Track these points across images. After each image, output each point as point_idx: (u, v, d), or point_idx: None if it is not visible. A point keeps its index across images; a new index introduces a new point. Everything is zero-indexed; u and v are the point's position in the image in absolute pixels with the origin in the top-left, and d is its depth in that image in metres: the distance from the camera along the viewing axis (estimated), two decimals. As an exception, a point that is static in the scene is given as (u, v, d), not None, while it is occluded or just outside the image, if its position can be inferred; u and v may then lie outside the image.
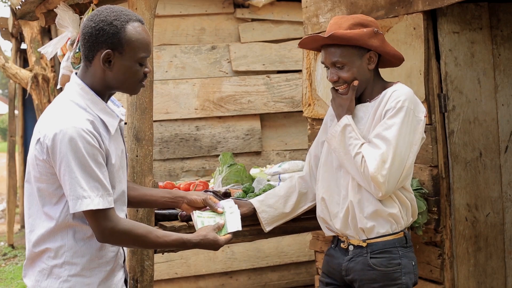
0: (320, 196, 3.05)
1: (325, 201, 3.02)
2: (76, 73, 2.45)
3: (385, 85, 2.97)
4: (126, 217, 2.56)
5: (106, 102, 2.46)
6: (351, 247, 2.96)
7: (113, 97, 2.53)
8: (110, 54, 2.34)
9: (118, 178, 2.45)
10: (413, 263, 2.95)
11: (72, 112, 2.32)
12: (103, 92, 2.42)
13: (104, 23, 2.34)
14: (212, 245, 2.59)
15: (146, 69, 2.44)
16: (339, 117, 2.95)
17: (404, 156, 2.81)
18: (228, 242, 2.67)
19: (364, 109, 2.95)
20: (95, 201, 2.26)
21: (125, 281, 2.57)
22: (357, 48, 2.89)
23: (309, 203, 3.22)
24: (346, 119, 2.90)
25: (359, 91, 2.94)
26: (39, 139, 2.30)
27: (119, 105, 2.55)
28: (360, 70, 2.91)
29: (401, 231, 2.94)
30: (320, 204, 3.06)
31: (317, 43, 2.99)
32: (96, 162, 2.28)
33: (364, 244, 2.91)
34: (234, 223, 2.73)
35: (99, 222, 2.30)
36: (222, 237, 2.64)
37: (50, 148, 2.26)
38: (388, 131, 2.80)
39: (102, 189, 2.29)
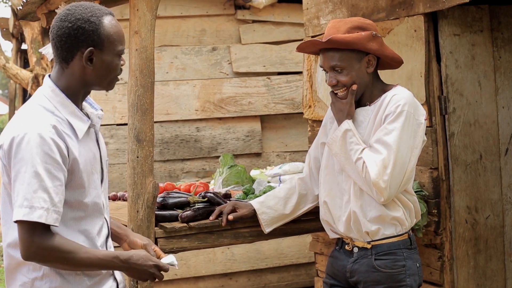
0: (323, 200, 3.05)
1: (328, 205, 3.02)
2: (49, 75, 2.37)
3: (385, 88, 2.96)
4: (107, 225, 2.45)
5: (81, 102, 2.38)
6: (355, 249, 2.95)
7: (91, 100, 2.46)
8: (93, 52, 2.28)
9: (93, 184, 2.35)
10: (418, 264, 2.95)
11: (36, 116, 2.23)
12: (79, 91, 2.34)
13: (81, 21, 2.26)
14: (145, 260, 2.36)
15: (122, 62, 2.38)
16: (339, 121, 2.94)
17: (405, 160, 2.81)
18: (162, 270, 2.42)
19: (364, 113, 2.95)
20: (35, 213, 2.13)
21: None
22: (355, 51, 2.88)
23: (309, 204, 3.22)
24: (347, 124, 2.90)
25: (358, 94, 2.93)
26: (1, 144, 2.21)
27: (98, 108, 2.46)
28: (359, 73, 2.90)
29: (406, 232, 2.94)
30: (323, 207, 3.06)
31: (315, 47, 2.98)
32: (50, 173, 2.16)
33: (369, 246, 2.91)
34: (169, 258, 2.55)
35: (30, 236, 2.15)
36: (154, 258, 2.42)
37: (7, 152, 2.18)
38: (389, 136, 2.79)
39: (50, 203, 2.15)
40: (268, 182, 3.79)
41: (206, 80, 5.78)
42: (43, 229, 2.17)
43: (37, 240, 2.16)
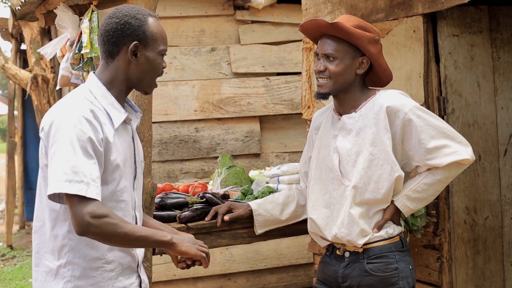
0: (309, 216, 3.06)
1: (314, 220, 3.03)
2: (93, 72, 2.49)
3: (368, 94, 2.96)
4: (136, 223, 2.51)
5: (123, 99, 2.49)
6: (347, 254, 2.95)
7: (132, 102, 2.57)
8: (138, 46, 2.40)
9: (125, 176, 2.42)
10: (410, 267, 2.95)
11: (75, 103, 2.35)
12: (121, 88, 2.46)
13: (128, 17, 2.40)
14: (188, 240, 2.48)
15: (164, 64, 2.50)
16: None
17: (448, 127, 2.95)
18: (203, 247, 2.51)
19: (351, 121, 2.93)
20: (75, 186, 2.20)
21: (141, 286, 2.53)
22: (353, 48, 2.90)
23: (305, 215, 3.23)
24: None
25: (337, 90, 2.93)
26: (42, 128, 2.33)
27: (138, 110, 2.58)
28: (347, 69, 2.90)
29: (397, 235, 2.94)
30: (310, 221, 3.08)
31: (317, 30, 2.97)
32: (85, 151, 2.25)
33: (360, 250, 2.91)
34: None
35: (81, 208, 2.21)
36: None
37: (47, 133, 2.29)
38: (433, 131, 2.86)
39: (89, 177, 2.23)
40: (267, 182, 3.78)
41: (205, 80, 5.77)
42: (88, 202, 2.22)
43: (89, 210, 2.22)
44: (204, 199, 3.31)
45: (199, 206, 3.27)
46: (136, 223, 2.51)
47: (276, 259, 5.83)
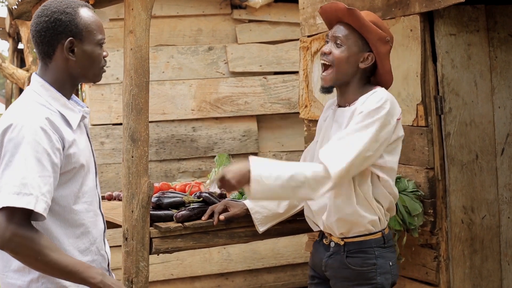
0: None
1: (308, 203, 3.04)
2: (35, 73, 2.40)
3: (368, 90, 2.93)
4: (103, 219, 2.48)
5: (70, 95, 2.41)
6: (332, 244, 2.98)
7: (76, 98, 2.48)
8: (73, 42, 2.30)
9: (89, 175, 2.38)
10: (391, 263, 2.95)
11: (29, 109, 2.26)
12: (66, 86, 2.37)
13: (57, 13, 2.30)
14: (121, 283, 2.32)
15: (105, 53, 2.41)
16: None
17: (361, 148, 2.76)
18: None
19: (346, 114, 2.92)
20: (23, 199, 2.11)
21: None
22: (363, 41, 2.90)
23: (303, 202, 3.21)
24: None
25: (338, 80, 2.92)
26: None
27: (84, 105, 2.49)
28: (351, 59, 2.90)
29: (379, 231, 2.93)
30: (306, 204, 3.09)
31: (335, 14, 2.96)
32: (40, 162, 2.16)
33: (342, 243, 2.93)
34: None
35: (6, 221, 2.11)
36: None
37: (0, 142, 2.20)
38: (344, 132, 2.79)
39: (38, 191, 2.14)
40: (264, 182, 3.77)
41: (202, 79, 5.77)
42: (23, 218, 2.14)
43: (12, 227, 2.12)
44: (201, 198, 3.31)
45: (196, 206, 3.26)
46: (103, 221, 2.48)
47: (273, 259, 5.83)
